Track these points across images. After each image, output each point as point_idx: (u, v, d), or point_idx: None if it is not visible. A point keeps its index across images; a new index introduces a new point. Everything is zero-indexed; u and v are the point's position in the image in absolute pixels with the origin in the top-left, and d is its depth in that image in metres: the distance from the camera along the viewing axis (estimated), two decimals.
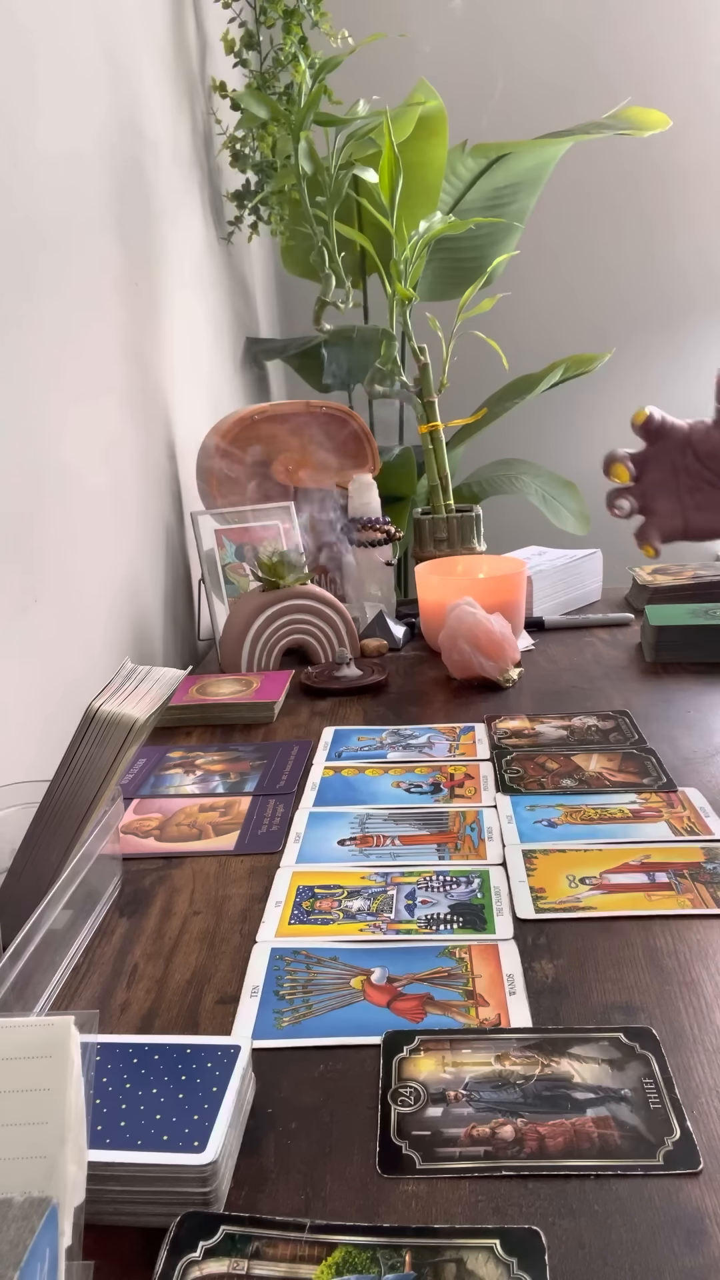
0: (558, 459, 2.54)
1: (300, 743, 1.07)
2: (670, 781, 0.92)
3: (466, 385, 2.02)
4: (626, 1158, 0.49)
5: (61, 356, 1.05)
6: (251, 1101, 0.54)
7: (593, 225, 2.60)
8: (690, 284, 2.62)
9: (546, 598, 1.50)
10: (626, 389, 2.66)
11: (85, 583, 1.10)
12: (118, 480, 1.24)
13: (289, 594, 1.29)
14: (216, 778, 0.99)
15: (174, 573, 1.46)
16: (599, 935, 0.69)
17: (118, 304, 1.27)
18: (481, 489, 2.25)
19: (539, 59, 2.49)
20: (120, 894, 0.79)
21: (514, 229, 2.13)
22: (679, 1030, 0.58)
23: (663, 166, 2.53)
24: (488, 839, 0.83)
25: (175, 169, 1.60)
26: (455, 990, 0.63)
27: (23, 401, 0.95)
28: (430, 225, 1.49)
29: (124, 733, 0.68)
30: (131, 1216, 0.47)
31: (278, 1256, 0.44)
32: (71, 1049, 0.40)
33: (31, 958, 0.59)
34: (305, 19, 1.86)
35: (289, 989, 0.65)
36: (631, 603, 1.55)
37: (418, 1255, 0.44)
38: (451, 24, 2.47)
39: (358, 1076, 0.56)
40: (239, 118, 1.77)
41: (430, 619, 1.34)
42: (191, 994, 0.65)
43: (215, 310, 1.86)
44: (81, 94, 1.16)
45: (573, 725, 1.07)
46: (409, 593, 2.05)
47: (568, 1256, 0.44)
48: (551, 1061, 0.56)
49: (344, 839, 0.85)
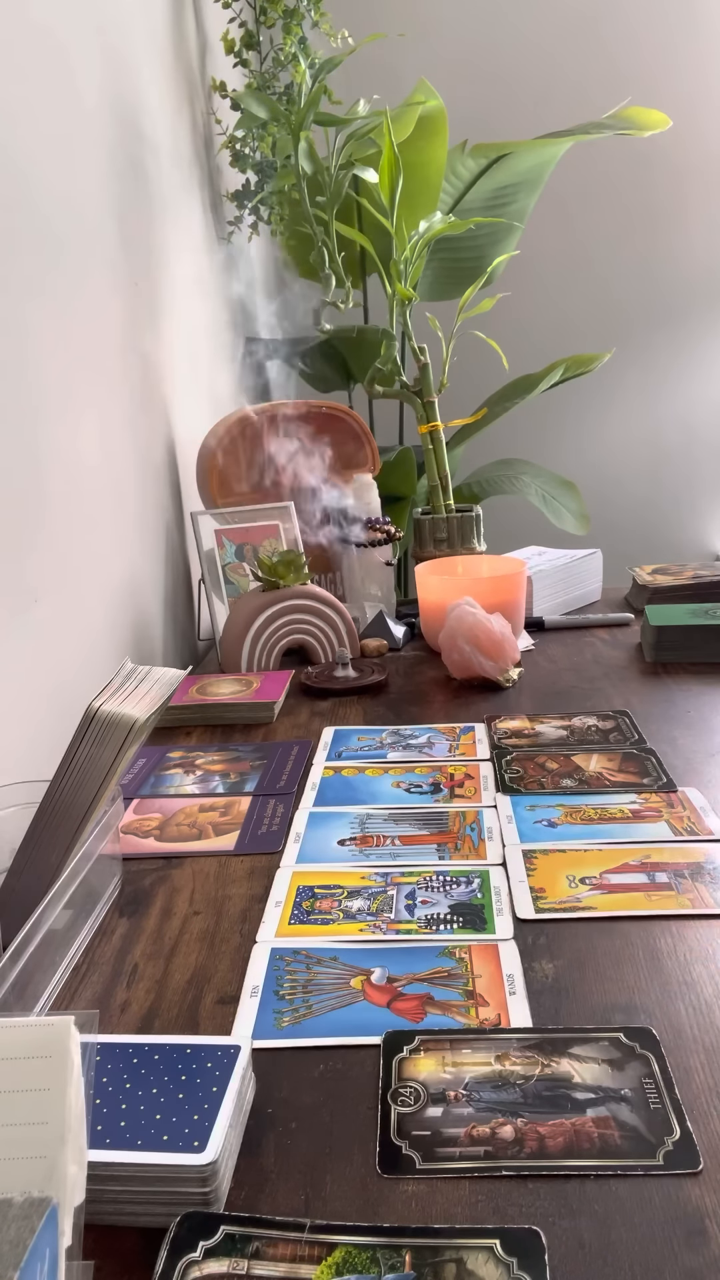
0: (558, 459, 2.54)
1: (300, 743, 1.07)
2: (670, 781, 0.92)
3: (466, 385, 2.02)
4: (626, 1158, 0.49)
5: (61, 356, 1.05)
6: (251, 1101, 0.54)
7: (593, 225, 2.60)
8: (690, 284, 2.62)
9: (546, 598, 1.50)
10: (626, 389, 2.66)
11: (85, 583, 1.10)
12: (118, 480, 1.24)
13: (289, 594, 1.29)
14: (216, 778, 0.99)
15: (174, 573, 1.46)
16: (599, 935, 0.69)
17: (118, 304, 1.27)
18: (481, 489, 2.25)
19: (539, 59, 2.49)
20: (120, 894, 0.79)
21: (514, 229, 2.13)
22: (679, 1030, 0.58)
23: (663, 166, 2.53)
24: (488, 839, 0.83)
25: (175, 169, 1.60)
26: (455, 990, 0.63)
27: (23, 401, 0.95)
28: (430, 225, 1.49)
29: (124, 733, 0.68)
30: (131, 1216, 0.47)
31: (278, 1256, 0.44)
32: (71, 1049, 0.40)
33: (31, 958, 0.59)
34: (305, 19, 1.86)
35: (289, 989, 0.65)
36: (631, 603, 1.55)
37: (418, 1255, 0.44)
38: (451, 24, 2.47)
39: (358, 1076, 0.56)
40: (239, 118, 1.76)
41: (430, 619, 1.34)
42: (191, 994, 0.65)
43: (215, 310, 1.86)
44: (81, 94, 1.16)
45: (573, 725, 1.07)
46: (409, 593, 2.05)
47: (568, 1256, 0.44)
48: (551, 1061, 0.56)
49: (344, 839, 0.85)
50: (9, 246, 0.93)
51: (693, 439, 2.71)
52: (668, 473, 2.73)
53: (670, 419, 2.69)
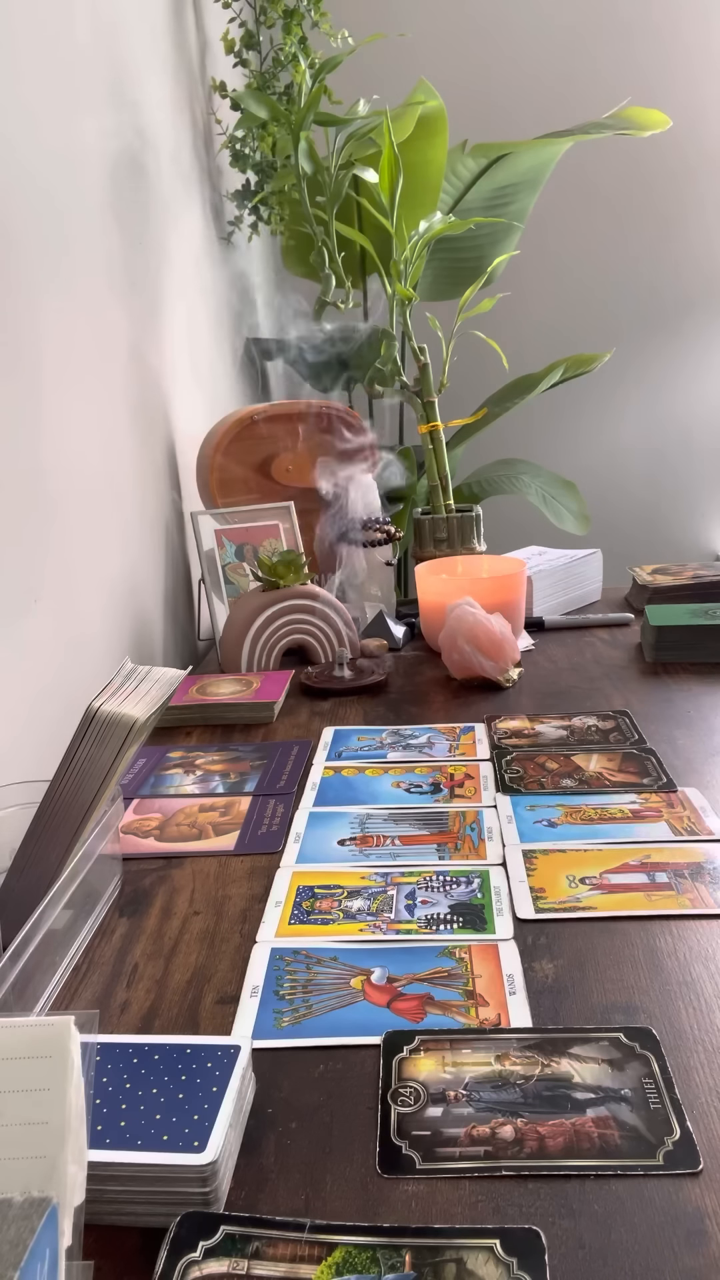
0: (558, 459, 2.53)
1: (300, 743, 1.07)
2: (670, 781, 0.92)
3: (466, 385, 2.02)
4: (626, 1158, 0.49)
5: (61, 356, 1.05)
6: (251, 1101, 0.54)
7: (592, 225, 2.60)
8: (690, 284, 2.62)
9: (546, 598, 1.50)
10: (626, 389, 2.66)
11: (85, 583, 1.10)
12: (118, 480, 1.24)
13: (289, 594, 1.29)
14: (216, 778, 0.99)
15: (174, 573, 1.46)
16: (599, 935, 0.69)
17: (118, 304, 1.27)
18: (481, 489, 2.25)
19: (539, 59, 2.49)
20: (120, 894, 0.79)
21: (514, 229, 2.13)
22: (679, 1030, 0.58)
23: (662, 166, 2.53)
24: (488, 839, 0.83)
25: (175, 169, 1.60)
26: (455, 990, 0.63)
27: (23, 401, 0.95)
28: (430, 225, 1.49)
29: (124, 733, 0.68)
30: (131, 1216, 0.47)
31: (278, 1256, 0.44)
32: (71, 1049, 0.40)
33: (31, 958, 0.59)
34: (305, 19, 1.86)
35: (289, 989, 0.65)
36: (631, 603, 1.55)
37: (418, 1255, 0.44)
38: (451, 24, 2.47)
39: (358, 1076, 0.56)
40: (239, 118, 1.76)
41: (430, 619, 1.34)
42: (191, 994, 0.65)
43: (215, 310, 1.86)
44: (82, 94, 1.16)
45: (573, 725, 1.07)
46: (409, 593, 2.05)
47: (568, 1256, 0.44)
48: (551, 1061, 0.56)
49: (344, 839, 0.85)
50: (9, 246, 0.93)
51: (693, 439, 2.71)
52: (668, 473, 2.73)
53: (670, 419, 2.69)
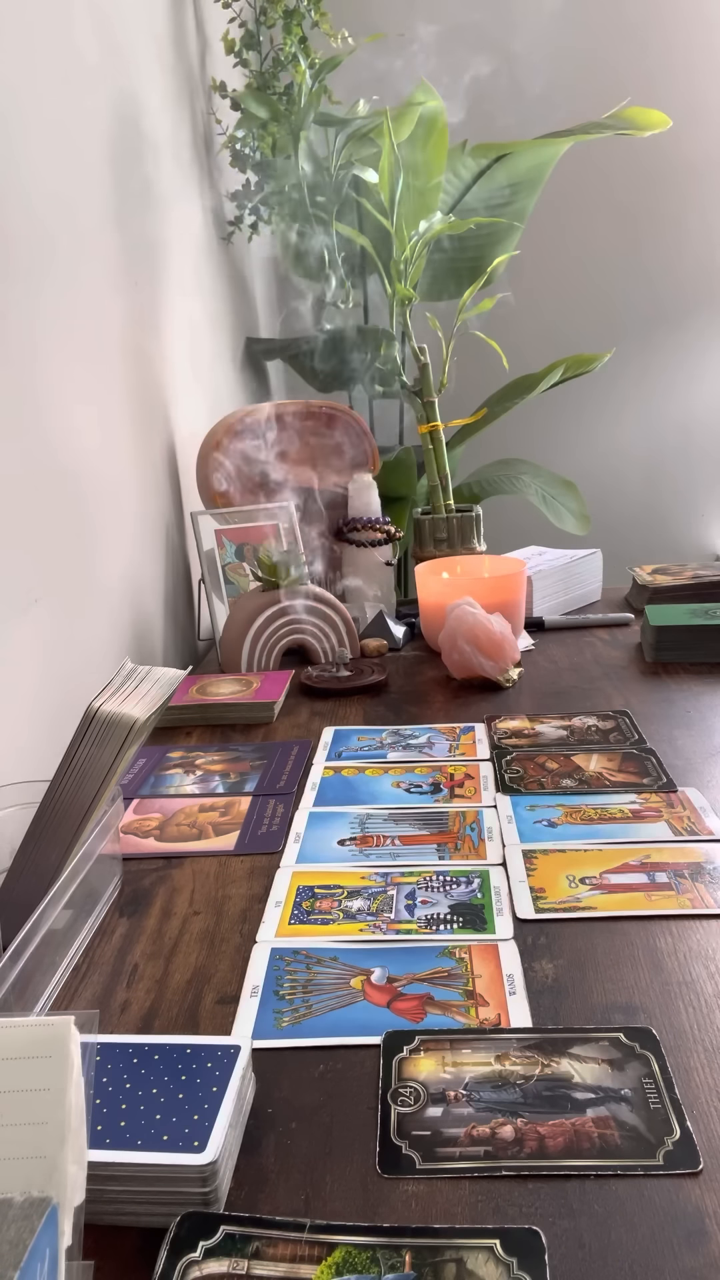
0: (558, 459, 2.53)
1: (300, 743, 1.07)
2: (670, 781, 0.92)
3: (466, 385, 2.02)
4: (626, 1158, 0.49)
5: (61, 356, 1.05)
6: (251, 1101, 0.54)
7: (593, 225, 2.60)
8: (690, 284, 2.62)
9: (546, 598, 1.50)
10: (626, 389, 2.66)
11: (85, 583, 1.10)
12: (118, 480, 1.24)
13: (289, 594, 1.29)
14: (216, 778, 0.99)
15: (174, 573, 1.46)
16: (599, 935, 0.69)
17: (118, 304, 1.27)
18: (481, 489, 2.25)
19: (539, 59, 2.49)
20: (120, 894, 0.79)
21: (514, 229, 2.13)
22: (679, 1030, 0.58)
23: (663, 166, 2.53)
24: (488, 839, 0.83)
25: (175, 169, 1.60)
26: (455, 990, 0.63)
27: (23, 401, 0.95)
28: (430, 225, 1.49)
29: (124, 733, 0.68)
30: (131, 1216, 0.47)
31: (278, 1256, 0.44)
32: (71, 1049, 0.40)
33: (31, 958, 0.59)
34: (305, 19, 1.86)
35: (289, 989, 0.65)
36: (631, 603, 1.55)
37: (418, 1255, 0.44)
38: (451, 24, 2.47)
39: (358, 1076, 0.56)
40: (239, 118, 1.76)
41: (430, 619, 1.34)
42: (191, 994, 0.65)
43: (215, 310, 1.86)
44: (82, 94, 1.16)
45: (573, 725, 1.07)
46: (409, 593, 2.05)
47: (568, 1256, 0.44)
48: (551, 1061, 0.56)
49: (344, 839, 0.85)
50: (9, 246, 0.93)
51: (693, 439, 2.71)
52: (667, 473, 2.73)
53: (670, 419, 2.69)
